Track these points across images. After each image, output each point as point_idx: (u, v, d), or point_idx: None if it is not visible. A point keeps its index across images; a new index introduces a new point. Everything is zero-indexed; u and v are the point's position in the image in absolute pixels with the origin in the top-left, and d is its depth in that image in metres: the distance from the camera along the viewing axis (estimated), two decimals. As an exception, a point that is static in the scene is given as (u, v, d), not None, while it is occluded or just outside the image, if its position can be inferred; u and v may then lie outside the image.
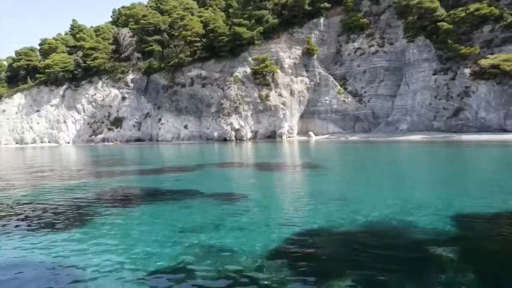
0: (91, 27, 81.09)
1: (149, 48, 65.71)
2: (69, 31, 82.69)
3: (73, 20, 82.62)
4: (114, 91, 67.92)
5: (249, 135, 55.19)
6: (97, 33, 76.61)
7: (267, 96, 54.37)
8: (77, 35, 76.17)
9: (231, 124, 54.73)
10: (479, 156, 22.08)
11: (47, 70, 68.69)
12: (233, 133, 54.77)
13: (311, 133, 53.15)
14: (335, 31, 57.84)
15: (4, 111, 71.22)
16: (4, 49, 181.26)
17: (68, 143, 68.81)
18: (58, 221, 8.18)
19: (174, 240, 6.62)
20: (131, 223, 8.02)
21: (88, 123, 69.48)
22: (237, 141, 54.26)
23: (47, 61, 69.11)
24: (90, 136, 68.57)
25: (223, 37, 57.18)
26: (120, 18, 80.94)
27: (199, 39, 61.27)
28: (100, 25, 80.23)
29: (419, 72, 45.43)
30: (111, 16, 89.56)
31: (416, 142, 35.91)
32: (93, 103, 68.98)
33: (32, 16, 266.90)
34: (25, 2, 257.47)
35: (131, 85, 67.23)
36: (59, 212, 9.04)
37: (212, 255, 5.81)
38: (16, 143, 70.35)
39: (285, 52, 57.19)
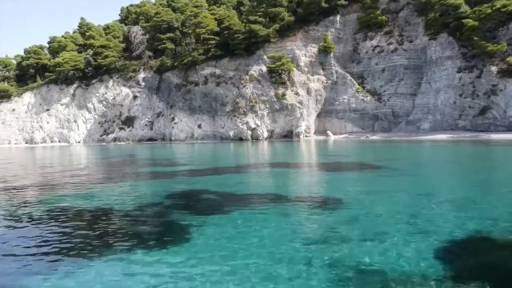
0: (99, 25, 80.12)
1: (161, 46, 64.79)
2: (78, 29, 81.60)
3: (82, 18, 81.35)
4: (125, 90, 67.04)
5: (265, 134, 54.37)
6: (106, 31, 75.60)
7: (284, 94, 53.53)
8: (86, 33, 75.12)
9: (247, 123, 53.87)
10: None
11: (57, 69, 67.70)
12: (249, 132, 53.93)
13: (329, 132, 52.33)
14: (352, 29, 57.07)
15: (13, 110, 70.25)
16: (12, 48, 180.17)
17: (79, 142, 67.89)
18: (144, 235, 7.15)
19: (296, 256, 5.60)
20: (231, 236, 6.83)
21: (99, 123, 68.58)
22: (253, 140, 53.44)
23: (57, 60, 68.06)
24: (101, 135, 67.68)
25: (238, 35, 56.23)
26: (130, 16, 79.94)
27: (213, 37, 60.36)
28: (109, 23, 79.23)
29: (442, 70, 44.59)
30: (119, 14, 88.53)
31: (444, 141, 35.09)
32: (104, 102, 68.10)
33: (37, 14, 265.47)
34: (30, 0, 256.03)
35: (143, 83, 66.34)
36: (140, 223, 8.06)
37: (356, 275, 4.87)
38: (26, 143, 69.41)
39: (301, 50, 56.34)
